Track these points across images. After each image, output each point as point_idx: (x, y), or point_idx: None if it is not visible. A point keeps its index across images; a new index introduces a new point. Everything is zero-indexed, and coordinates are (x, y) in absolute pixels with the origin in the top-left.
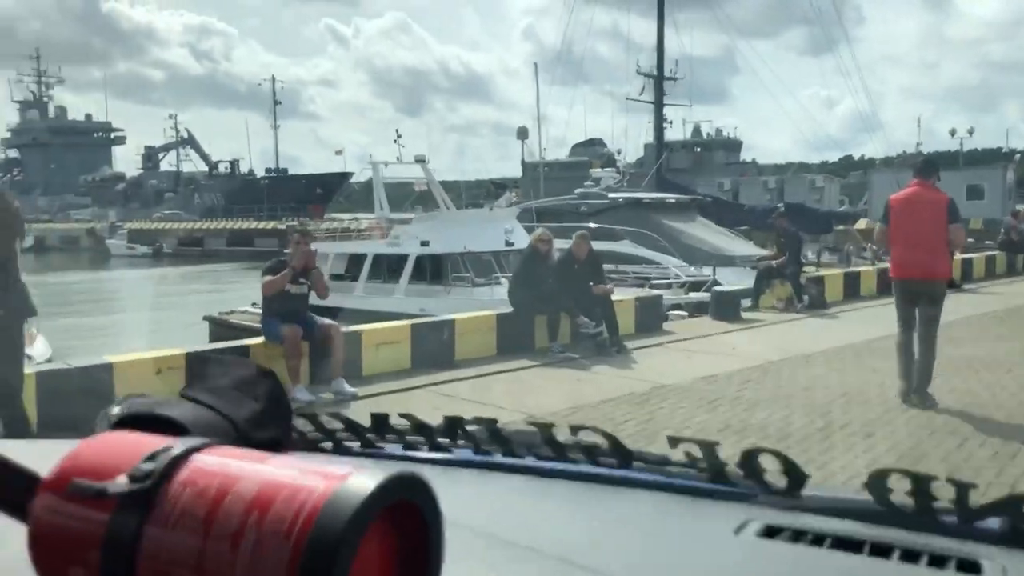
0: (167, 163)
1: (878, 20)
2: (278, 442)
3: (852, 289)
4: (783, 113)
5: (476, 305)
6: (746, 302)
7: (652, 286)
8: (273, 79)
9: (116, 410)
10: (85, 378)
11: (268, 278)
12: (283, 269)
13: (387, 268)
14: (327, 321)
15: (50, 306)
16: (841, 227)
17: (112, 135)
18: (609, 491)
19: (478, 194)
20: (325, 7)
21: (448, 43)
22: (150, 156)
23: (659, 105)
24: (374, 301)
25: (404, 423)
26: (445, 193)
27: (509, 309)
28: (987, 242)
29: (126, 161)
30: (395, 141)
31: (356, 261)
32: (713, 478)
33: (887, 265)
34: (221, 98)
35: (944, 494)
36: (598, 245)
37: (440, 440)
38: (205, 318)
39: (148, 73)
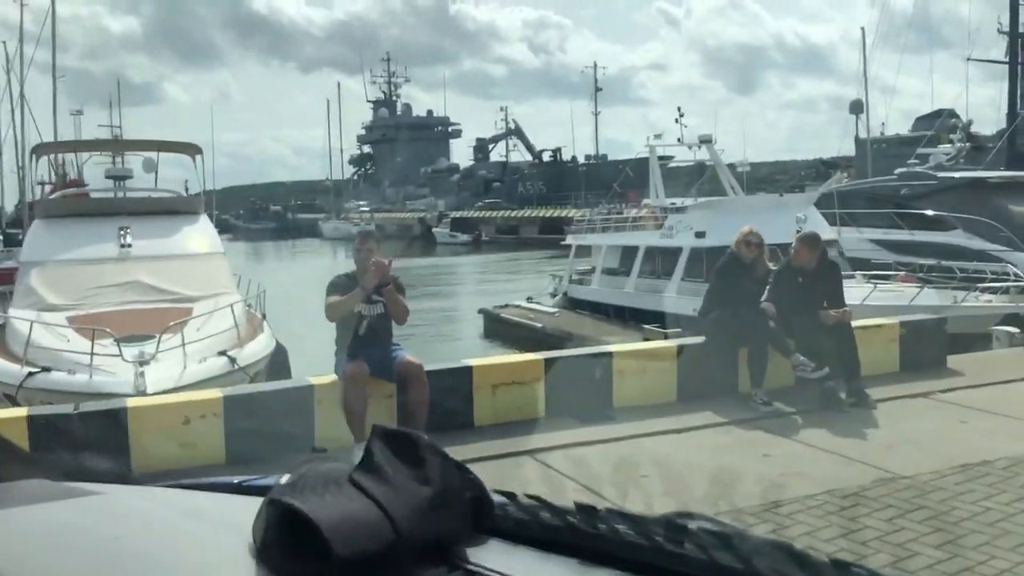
0: (497, 154)
1: None
2: (450, 540)
3: None
4: None
5: None
6: None
7: (984, 290)
8: (595, 65)
9: (285, 479)
10: (279, 402)
11: (333, 298)
12: (351, 285)
13: (661, 262)
14: (405, 356)
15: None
16: None
17: (450, 128)
18: None
19: (809, 175)
20: None
21: (784, 16)
22: (480, 147)
23: (1013, 64)
24: (645, 299)
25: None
26: (734, 178)
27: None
28: None
29: (462, 153)
30: (676, 121)
31: (629, 254)
32: None
33: None
34: (554, 89)
35: None
36: (923, 236)
37: (658, 539)
38: (480, 311)
39: (489, 69)
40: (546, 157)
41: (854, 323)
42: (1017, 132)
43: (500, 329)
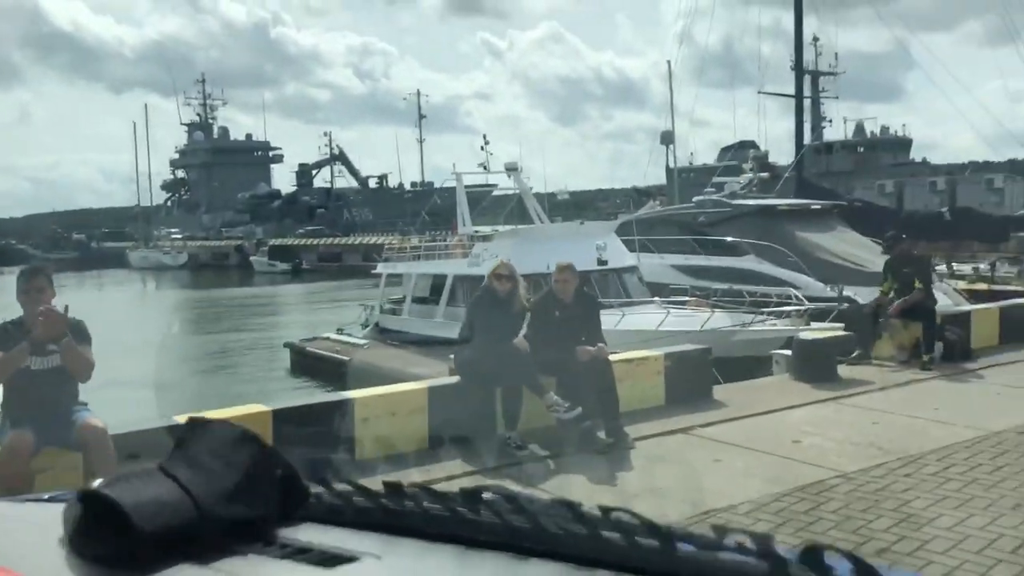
0: (322, 179)
1: None
2: (258, 519)
3: (1014, 330)
4: (965, 109)
5: None
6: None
7: (770, 314)
8: (418, 93)
9: (96, 483)
10: None
11: None
12: (16, 336)
13: (469, 291)
14: (87, 418)
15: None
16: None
17: (271, 153)
18: None
19: (625, 203)
20: (480, 21)
21: (601, 50)
22: (304, 173)
23: (799, 99)
24: (455, 329)
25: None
26: (539, 206)
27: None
28: None
29: (285, 178)
30: (482, 148)
31: (438, 283)
32: (773, 572)
33: None
34: (380, 115)
35: None
36: (719, 261)
37: (461, 510)
38: (286, 345)
39: (313, 93)
40: (372, 183)
41: (619, 356)
42: (806, 162)
43: (307, 363)
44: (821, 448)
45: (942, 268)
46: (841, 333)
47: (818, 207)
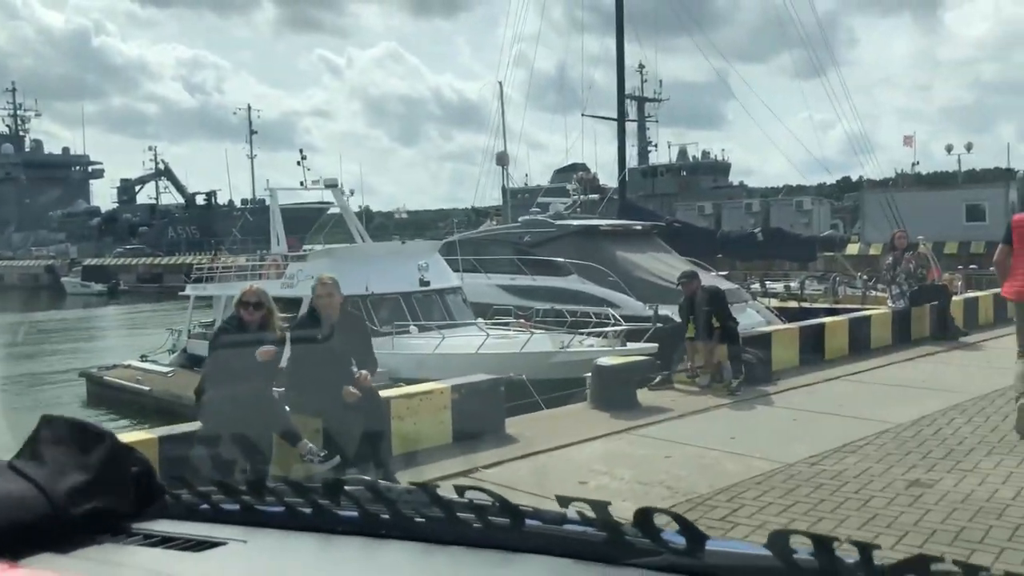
0: (146, 196)
1: (871, 43)
2: (115, 512)
3: (812, 349)
4: (778, 137)
5: None
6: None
7: (590, 334)
8: (249, 107)
9: None
10: None
11: None
12: None
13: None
14: None
15: None
16: (830, 253)
17: (90, 168)
18: (499, 555)
19: (463, 223)
20: (318, 38)
21: (441, 72)
22: (126, 189)
23: (621, 121)
24: None
25: (283, 485)
26: (361, 224)
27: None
28: (991, 269)
29: (106, 195)
30: (299, 163)
31: None
32: (610, 539)
33: (883, 310)
34: (211, 130)
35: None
36: (543, 281)
37: (323, 502)
38: (81, 374)
39: (140, 106)
40: (200, 200)
41: (400, 391)
42: (635, 184)
43: (104, 394)
44: (607, 490)
45: (756, 287)
46: (640, 358)
47: (639, 227)
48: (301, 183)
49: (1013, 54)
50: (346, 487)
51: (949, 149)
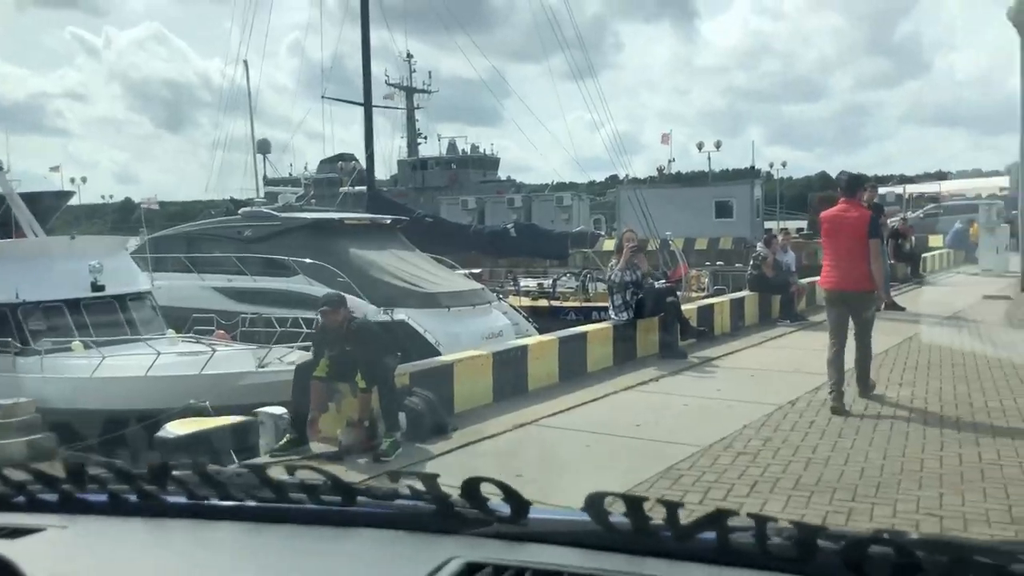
0: None
1: (636, 48)
2: None
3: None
4: (553, 135)
5: (14, 391)
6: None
7: (303, 347)
8: None
9: None
10: None
11: None
12: None
13: None
14: None
15: None
16: (584, 250)
17: None
18: (331, 531)
19: (220, 213)
20: (70, 15)
21: (209, 57)
22: None
23: (368, 106)
24: None
25: (106, 472)
26: (33, 216)
27: None
28: (737, 265)
29: None
30: None
31: None
32: (439, 510)
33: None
34: None
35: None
36: (266, 282)
37: (148, 488)
38: None
39: None
40: None
41: None
42: (404, 177)
43: None
44: None
45: (511, 286)
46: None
47: (378, 222)
48: None
49: (760, 63)
50: (173, 472)
51: (700, 147)
